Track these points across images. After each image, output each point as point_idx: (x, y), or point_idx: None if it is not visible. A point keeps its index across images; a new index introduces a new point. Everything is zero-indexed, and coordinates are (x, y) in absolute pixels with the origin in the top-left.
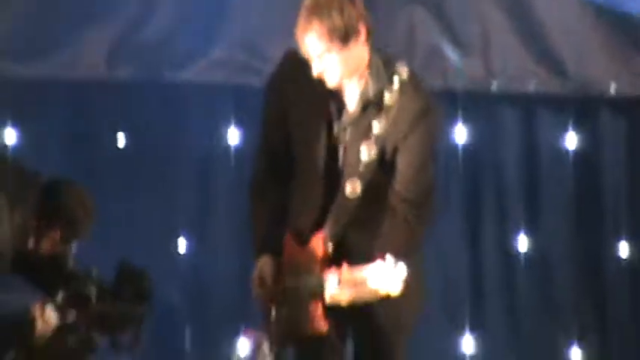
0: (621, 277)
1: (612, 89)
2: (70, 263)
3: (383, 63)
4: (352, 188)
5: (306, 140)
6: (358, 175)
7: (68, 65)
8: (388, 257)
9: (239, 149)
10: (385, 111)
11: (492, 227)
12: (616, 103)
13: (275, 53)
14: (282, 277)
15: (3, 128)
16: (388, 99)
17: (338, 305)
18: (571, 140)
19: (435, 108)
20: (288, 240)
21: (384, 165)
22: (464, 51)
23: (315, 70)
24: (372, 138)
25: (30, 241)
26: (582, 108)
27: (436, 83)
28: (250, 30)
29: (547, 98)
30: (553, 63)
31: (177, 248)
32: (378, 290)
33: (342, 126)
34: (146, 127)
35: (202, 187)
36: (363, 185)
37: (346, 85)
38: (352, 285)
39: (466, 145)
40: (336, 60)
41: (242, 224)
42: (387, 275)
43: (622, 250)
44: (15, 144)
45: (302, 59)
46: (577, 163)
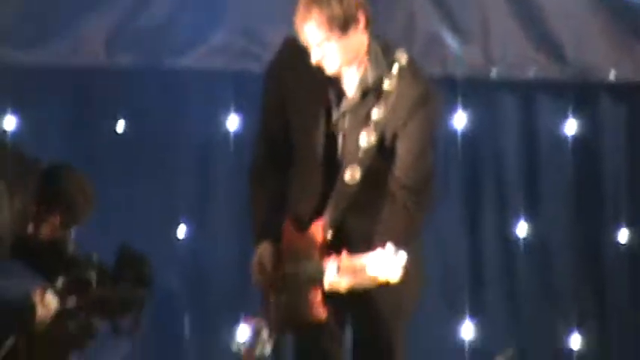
0: (621, 264)
1: (612, 75)
2: (70, 248)
3: (382, 50)
4: (351, 175)
5: (305, 127)
6: (357, 162)
7: (68, 52)
8: (388, 245)
9: (238, 135)
10: (384, 98)
11: (492, 214)
12: (616, 90)
13: (274, 39)
14: (281, 264)
15: (3, 115)
16: (387, 86)
17: (337, 292)
18: (571, 127)
19: (435, 95)
20: (287, 226)
21: (384, 151)
22: (463, 38)
23: (314, 58)
24: (371, 125)
25: (30, 227)
26: (582, 94)
27: (435, 70)
28: (249, 16)
29: (547, 85)
30: (553, 49)
31: (176, 234)
32: (378, 277)
33: (341, 113)
34: (146, 114)
35: (202, 173)
36: (363, 172)
37: (345, 73)
38: (351, 272)
39: (466, 132)
40: (336, 48)
41: (241, 210)
42: (387, 263)
43: (621, 237)
44: (15, 130)
45: (301, 46)
46: (577, 150)
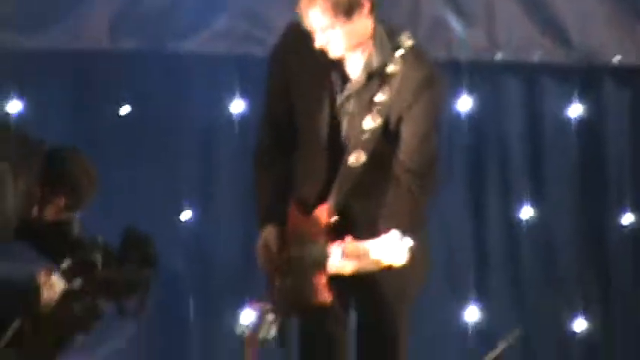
0: (625, 247)
1: (617, 59)
2: (75, 230)
3: (387, 34)
4: (356, 158)
5: (309, 111)
6: (362, 146)
7: (71, 36)
8: (393, 231)
9: (242, 119)
10: (389, 81)
11: (496, 197)
12: (620, 73)
13: (278, 23)
14: (286, 247)
15: (7, 99)
16: (392, 69)
17: (341, 275)
18: (575, 110)
19: (439, 78)
20: (292, 210)
21: (388, 135)
22: (468, 21)
23: (318, 43)
24: (376, 108)
25: (34, 209)
26: (587, 78)
27: (440, 54)
28: (253, 0)
29: (551, 68)
30: (557, 33)
31: (180, 218)
32: (382, 261)
33: (346, 97)
34: (149, 98)
35: (206, 157)
36: (367, 155)
37: (350, 56)
38: (356, 256)
39: (470, 116)
40: (340, 33)
41: (246, 194)
42: (392, 248)
43: (626, 220)
44: (19, 115)
45: (305, 30)
46: (581, 133)
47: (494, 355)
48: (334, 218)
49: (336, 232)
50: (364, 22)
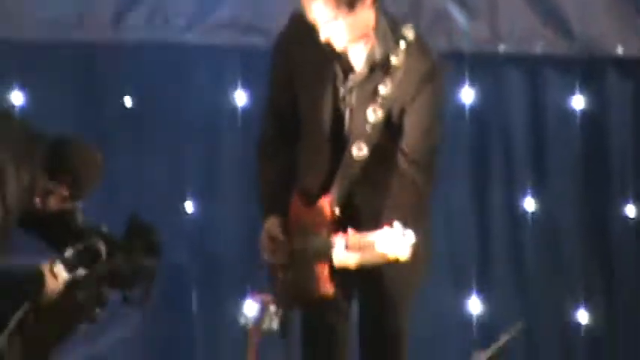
0: (628, 238)
1: (619, 50)
2: (79, 220)
3: (389, 26)
4: (359, 150)
5: (312, 102)
6: (364, 138)
7: (75, 27)
8: (396, 224)
9: (246, 110)
10: (392, 73)
11: (499, 189)
12: (623, 65)
13: (281, 14)
14: (289, 239)
15: (10, 90)
16: (395, 61)
17: (346, 268)
18: (578, 101)
19: (442, 70)
20: (295, 201)
21: (391, 127)
22: (470, 13)
23: (322, 36)
24: (379, 100)
25: (38, 199)
26: (589, 69)
27: (443, 45)
28: None
29: (554, 60)
30: (560, 24)
31: (184, 209)
32: (386, 255)
33: (349, 88)
34: (152, 89)
35: (209, 148)
36: (370, 147)
37: (352, 48)
38: (359, 249)
39: (473, 107)
40: (343, 25)
41: (249, 185)
42: (396, 241)
43: (629, 212)
44: (22, 106)
45: (308, 22)
46: (584, 125)
47: (497, 347)
48: (337, 210)
49: (339, 224)
50: (367, 14)
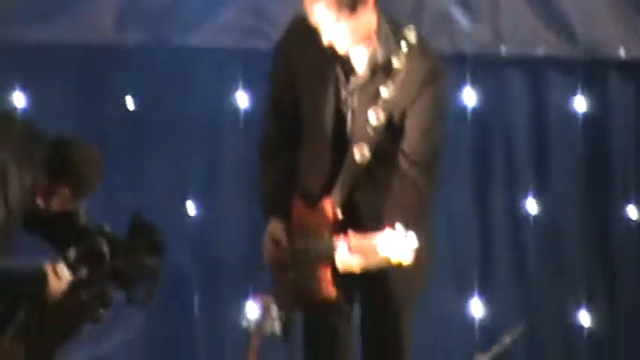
0: (630, 240)
1: (621, 53)
2: (82, 220)
3: (391, 28)
4: (361, 153)
5: (313, 104)
6: (366, 140)
7: (77, 29)
8: (398, 226)
9: (248, 113)
10: (393, 76)
11: (501, 191)
12: (625, 67)
13: (283, 17)
14: (291, 241)
15: (12, 92)
16: (396, 64)
17: (350, 272)
18: (580, 103)
19: (443, 72)
20: (297, 203)
21: (392, 129)
22: (473, 15)
23: (325, 39)
24: (380, 103)
25: (40, 199)
26: (591, 71)
27: (445, 47)
28: None
29: (556, 62)
30: (562, 27)
31: (186, 212)
32: (389, 258)
33: (350, 91)
34: (155, 92)
35: (211, 151)
36: (371, 149)
37: (354, 51)
38: (362, 252)
39: (475, 109)
40: (345, 28)
41: (251, 187)
42: (397, 244)
43: (631, 213)
44: (23, 107)
45: (309, 24)
46: (586, 127)
47: (498, 350)
48: (339, 212)
49: (341, 226)
50: (369, 17)
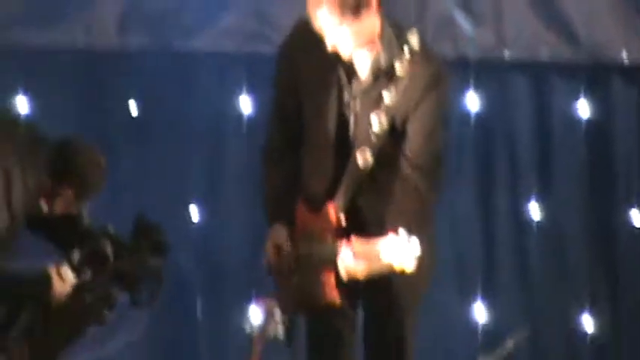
0: (633, 245)
1: (624, 57)
2: (85, 221)
3: (394, 32)
4: (363, 158)
5: (316, 108)
6: (369, 145)
7: (80, 34)
8: (401, 231)
9: (251, 117)
10: (396, 80)
11: (504, 195)
12: (628, 71)
13: (286, 21)
14: (295, 245)
15: (15, 95)
16: (399, 68)
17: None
18: (583, 108)
19: (446, 76)
20: (300, 208)
21: (395, 133)
22: (476, 19)
23: (328, 43)
24: (383, 107)
25: (44, 202)
26: (594, 76)
27: (448, 52)
28: None
29: (559, 66)
30: (565, 31)
31: (189, 217)
32: (392, 264)
33: (353, 95)
34: (158, 96)
35: (214, 155)
36: (374, 154)
37: (357, 54)
38: (366, 258)
39: (478, 113)
40: (349, 32)
41: (254, 191)
42: (401, 249)
43: (634, 218)
44: (26, 111)
45: (312, 28)
46: (589, 131)
47: (501, 354)
48: (342, 216)
49: (345, 230)
50: (372, 21)
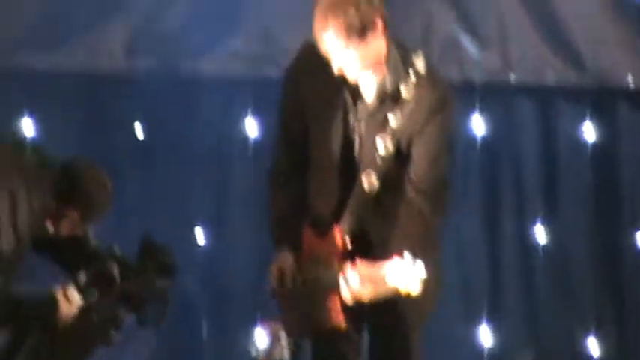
0: (639, 268)
1: (630, 81)
2: (92, 243)
3: (400, 55)
4: (369, 181)
5: (322, 131)
6: (374, 168)
7: (86, 57)
8: (406, 255)
9: (257, 141)
10: (402, 104)
11: (510, 219)
12: (633, 96)
13: (292, 44)
14: (301, 269)
15: (21, 119)
16: (405, 92)
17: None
18: (589, 132)
19: (451, 100)
20: (306, 232)
21: (400, 156)
22: (481, 43)
23: (335, 66)
24: (388, 131)
25: (49, 223)
26: (599, 100)
27: (454, 75)
28: (267, 21)
29: (565, 90)
30: (570, 55)
31: (195, 239)
32: (398, 288)
33: (358, 118)
34: (164, 119)
35: (220, 179)
36: (379, 178)
37: (363, 77)
38: (371, 281)
39: (484, 137)
40: (355, 55)
41: (260, 215)
42: (406, 273)
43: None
44: (32, 135)
45: (318, 51)
46: (594, 155)
47: None
48: (348, 241)
49: (351, 254)
50: (378, 44)
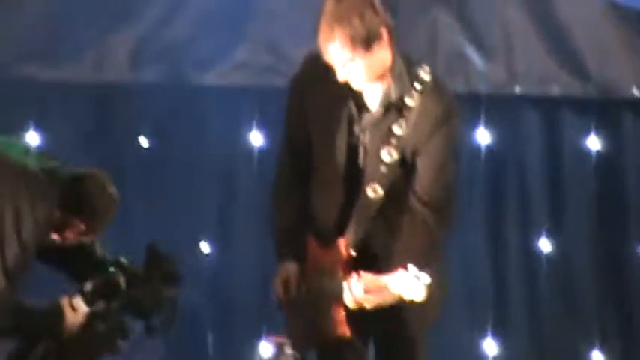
0: None
1: (635, 92)
2: (98, 252)
3: (405, 66)
4: (373, 192)
5: (326, 141)
6: (379, 179)
7: (92, 68)
8: (411, 266)
9: (262, 151)
10: (406, 114)
11: (515, 229)
12: (638, 106)
13: (297, 55)
14: (306, 280)
15: (26, 130)
16: (410, 102)
17: (362, 309)
18: (593, 142)
19: (457, 111)
20: (311, 242)
21: (405, 166)
22: (487, 55)
23: (340, 77)
24: (393, 141)
25: (55, 233)
26: (604, 110)
27: (459, 86)
28: (273, 32)
29: (569, 101)
30: (575, 66)
31: (200, 251)
32: (402, 296)
33: (363, 128)
34: (169, 130)
35: (225, 190)
36: (384, 188)
37: (368, 88)
38: (375, 292)
39: (489, 148)
40: (361, 66)
41: (265, 227)
42: (410, 284)
43: None
44: (38, 145)
45: (323, 62)
46: (599, 166)
47: None
48: (353, 251)
49: (355, 265)
50: (384, 54)
